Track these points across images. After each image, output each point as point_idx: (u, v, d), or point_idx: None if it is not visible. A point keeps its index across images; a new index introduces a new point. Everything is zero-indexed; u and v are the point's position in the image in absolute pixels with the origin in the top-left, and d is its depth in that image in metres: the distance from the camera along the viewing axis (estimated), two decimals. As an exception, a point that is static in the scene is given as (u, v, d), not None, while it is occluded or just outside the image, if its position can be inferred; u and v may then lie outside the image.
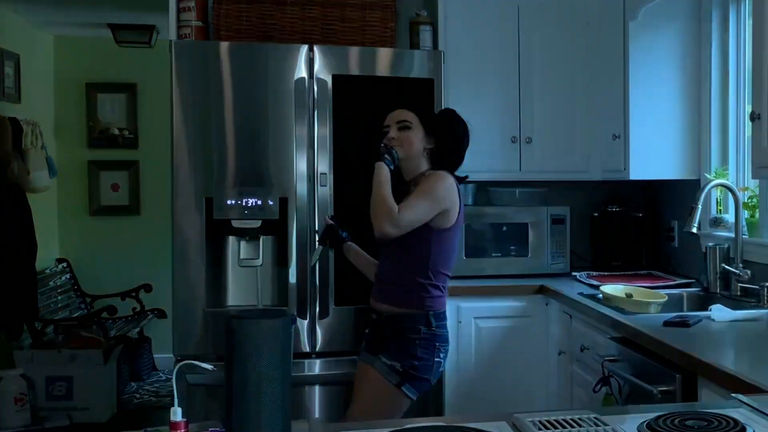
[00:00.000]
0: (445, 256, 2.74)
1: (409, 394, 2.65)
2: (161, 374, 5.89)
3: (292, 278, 3.17)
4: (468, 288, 3.48)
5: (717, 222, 3.39)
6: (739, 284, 3.08)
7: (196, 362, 1.60)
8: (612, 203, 3.95)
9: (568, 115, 3.81)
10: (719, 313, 2.55)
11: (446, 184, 2.70)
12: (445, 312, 2.74)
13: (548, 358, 3.48)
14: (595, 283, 3.43)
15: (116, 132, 6.11)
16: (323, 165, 3.20)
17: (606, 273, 3.79)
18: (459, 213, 2.74)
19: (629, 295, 2.96)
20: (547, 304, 3.50)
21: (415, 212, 2.66)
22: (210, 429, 1.45)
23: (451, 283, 3.38)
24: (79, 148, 6.09)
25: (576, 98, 3.81)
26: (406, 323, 2.67)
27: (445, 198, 2.68)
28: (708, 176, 3.36)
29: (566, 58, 3.79)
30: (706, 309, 2.69)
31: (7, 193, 4.55)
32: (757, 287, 2.96)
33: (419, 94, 3.25)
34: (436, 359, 2.68)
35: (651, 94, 3.50)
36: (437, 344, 2.68)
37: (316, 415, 3.16)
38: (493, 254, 3.76)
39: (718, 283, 3.19)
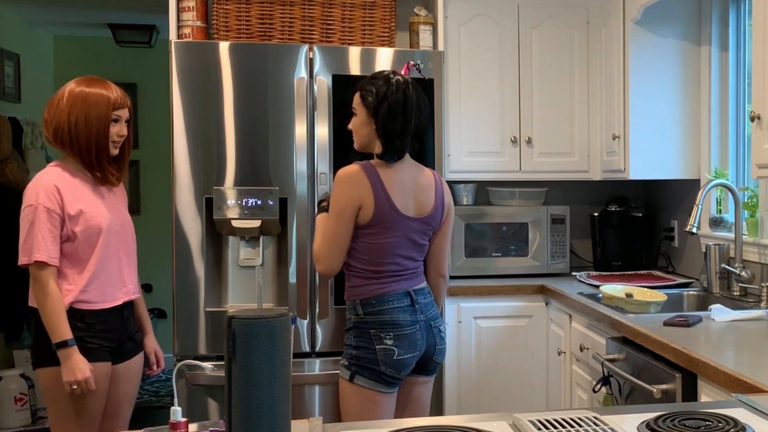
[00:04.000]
0: (376, 254, 2.54)
1: (366, 385, 2.50)
2: (161, 374, 5.89)
3: (292, 278, 3.17)
4: (468, 288, 3.49)
5: (717, 222, 3.39)
6: (739, 284, 3.08)
7: (196, 362, 1.60)
8: (612, 203, 3.95)
9: (568, 115, 3.81)
10: (719, 313, 2.55)
11: (340, 184, 2.52)
12: (379, 297, 2.52)
13: (548, 358, 3.48)
14: (595, 283, 3.43)
15: (116, 132, 6.11)
16: (323, 165, 3.19)
17: (606, 273, 3.79)
18: (378, 209, 2.51)
19: (629, 295, 2.96)
20: (547, 304, 3.50)
21: (323, 237, 2.55)
22: (210, 429, 1.45)
23: (451, 283, 3.41)
24: (79, 148, 6.08)
25: (576, 98, 3.81)
26: (346, 316, 2.64)
27: (344, 195, 2.51)
28: (708, 176, 3.36)
29: (566, 58, 3.80)
30: (706, 309, 2.70)
31: (6, 193, 4.54)
32: (757, 287, 2.97)
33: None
34: (379, 346, 2.49)
35: (651, 94, 3.51)
36: (372, 331, 2.50)
37: (316, 415, 3.16)
38: (493, 254, 3.76)
39: (718, 283, 3.19)
